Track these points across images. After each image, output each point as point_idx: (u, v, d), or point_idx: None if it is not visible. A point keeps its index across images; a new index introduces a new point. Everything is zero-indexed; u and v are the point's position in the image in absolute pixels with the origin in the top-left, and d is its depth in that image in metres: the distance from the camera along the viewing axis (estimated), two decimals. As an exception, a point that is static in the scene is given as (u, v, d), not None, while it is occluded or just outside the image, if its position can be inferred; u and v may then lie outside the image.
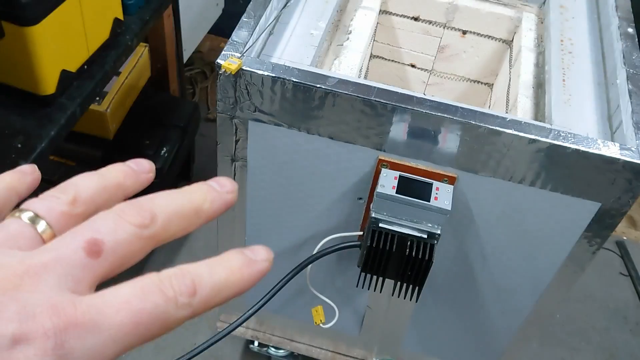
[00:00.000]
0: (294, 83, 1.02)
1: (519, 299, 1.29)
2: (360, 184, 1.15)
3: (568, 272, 1.21)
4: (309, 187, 1.19)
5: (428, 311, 1.41)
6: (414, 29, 1.55)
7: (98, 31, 1.48)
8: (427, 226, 1.05)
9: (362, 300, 1.44)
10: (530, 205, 1.09)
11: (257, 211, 1.28)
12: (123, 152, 1.84)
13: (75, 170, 1.68)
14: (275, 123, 1.09)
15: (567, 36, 1.32)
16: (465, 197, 1.11)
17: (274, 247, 1.40)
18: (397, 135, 1.05)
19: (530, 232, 1.14)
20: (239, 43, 1.07)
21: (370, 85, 1.02)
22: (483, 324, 1.39)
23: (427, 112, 1.00)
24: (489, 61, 1.54)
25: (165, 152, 1.87)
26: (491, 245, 1.19)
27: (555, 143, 0.98)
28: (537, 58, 1.32)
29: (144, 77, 1.95)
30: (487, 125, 0.99)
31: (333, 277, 1.39)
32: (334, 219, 1.24)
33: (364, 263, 1.09)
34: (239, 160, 1.18)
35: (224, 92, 1.07)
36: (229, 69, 1.01)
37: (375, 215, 1.05)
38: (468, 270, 1.26)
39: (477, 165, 1.05)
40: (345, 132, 1.07)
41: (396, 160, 1.08)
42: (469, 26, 1.49)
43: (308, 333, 1.62)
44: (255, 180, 1.22)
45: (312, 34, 1.24)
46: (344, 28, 1.35)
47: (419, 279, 1.08)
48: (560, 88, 1.19)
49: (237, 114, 1.10)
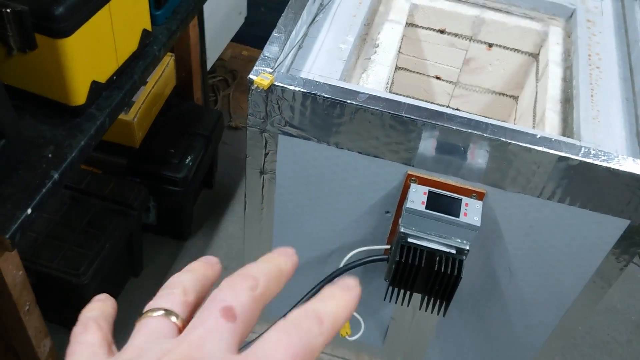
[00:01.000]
0: (324, 98, 1.03)
1: (544, 314, 1.29)
2: (388, 198, 1.16)
3: (595, 288, 1.20)
4: (337, 200, 1.20)
5: (453, 324, 1.42)
6: (439, 41, 1.55)
7: (127, 42, 1.50)
8: (456, 242, 1.05)
9: (387, 312, 1.45)
10: (558, 222, 1.09)
11: (284, 223, 1.29)
12: (149, 161, 1.86)
13: (102, 178, 1.70)
14: (304, 137, 1.10)
15: (595, 51, 1.32)
16: (494, 213, 1.11)
17: (300, 259, 1.40)
18: (426, 150, 1.06)
19: (558, 248, 1.14)
20: (270, 58, 1.08)
21: (400, 101, 1.03)
22: (507, 338, 1.39)
23: (457, 128, 1.01)
24: (515, 74, 1.54)
25: (189, 161, 1.88)
26: (518, 260, 1.19)
27: (585, 161, 0.98)
28: (564, 72, 1.32)
29: (170, 86, 1.98)
30: (517, 142, 0.99)
31: (358, 288, 1.40)
32: (360, 232, 1.25)
33: (392, 277, 1.10)
34: (268, 173, 1.19)
35: (255, 106, 1.08)
36: (261, 85, 1.02)
37: (404, 230, 1.06)
38: (494, 285, 1.26)
39: (506, 181, 1.05)
40: (374, 147, 1.08)
41: (425, 176, 1.09)
42: (495, 39, 1.50)
43: (330, 344, 1.62)
44: (283, 193, 1.23)
45: (340, 48, 1.25)
46: (372, 41, 1.35)
47: (447, 294, 1.08)
48: (589, 104, 1.19)
49: (268, 127, 1.11)
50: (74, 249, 1.62)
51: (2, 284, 1.33)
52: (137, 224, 1.79)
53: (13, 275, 1.35)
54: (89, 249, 1.62)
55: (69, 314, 1.76)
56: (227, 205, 2.26)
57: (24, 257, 1.38)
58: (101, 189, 1.75)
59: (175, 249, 2.10)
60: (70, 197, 1.73)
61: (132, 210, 1.74)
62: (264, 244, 1.36)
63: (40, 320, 1.54)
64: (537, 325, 1.33)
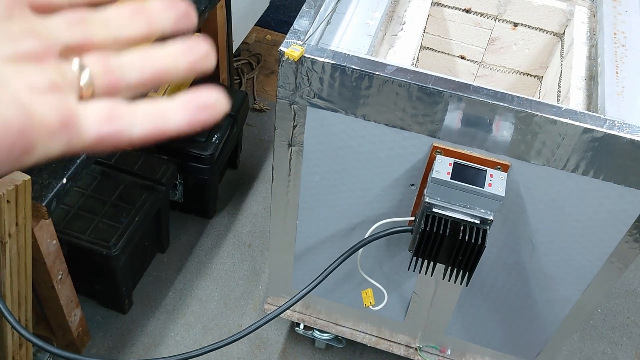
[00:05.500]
0: (353, 70, 1.05)
1: (566, 289, 1.31)
2: (413, 171, 1.18)
3: (616, 264, 1.22)
4: (363, 172, 1.23)
5: (474, 299, 1.44)
6: (465, 20, 1.57)
7: (158, 20, 1.53)
8: (480, 212, 1.07)
9: (409, 286, 1.47)
10: (582, 194, 1.11)
11: (310, 196, 1.32)
12: (176, 138, 1.90)
13: (131, 155, 1.73)
14: (332, 109, 1.13)
15: (620, 29, 1.33)
16: (518, 185, 1.13)
17: (325, 232, 1.44)
18: (452, 122, 1.08)
19: (581, 221, 1.16)
20: (300, 31, 1.11)
21: (427, 73, 1.05)
22: (528, 312, 1.41)
23: (484, 100, 1.03)
24: (540, 54, 1.55)
25: (216, 139, 1.92)
26: (541, 234, 1.21)
27: (610, 132, 1.00)
28: (589, 51, 1.33)
29: (197, 66, 2.01)
30: (542, 114, 1.01)
31: (381, 262, 1.43)
32: (385, 204, 1.28)
33: (416, 247, 1.12)
34: (296, 145, 1.22)
35: (285, 78, 1.11)
36: (291, 56, 1.05)
37: (429, 200, 1.08)
38: (516, 258, 1.28)
39: (531, 154, 1.07)
40: (400, 118, 1.10)
41: (450, 148, 1.11)
42: (520, 19, 1.51)
43: (353, 318, 1.66)
44: (310, 165, 1.26)
45: (368, 24, 1.27)
46: (398, 19, 1.37)
47: (471, 264, 1.10)
48: (614, 80, 1.20)
49: (297, 99, 1.14)
50: (104, 222, 1.67)
51: (37, 252, 1.38)
52: (165, 199, 1.84)
53: (47, 243, 1.40)
54: (119, 222, 1.67)
55: (98, 286, 1.82)
56: (251, 184, 2.30)
57: (57, 228, 1.42)
58: (131, 165, 1.79)
59: (201, 226, 2.14)
60: (100, 172, 1.77)
61: (161, 185, 1.78)
62: (290, 217, 1.40)
63: (72, 290, 1.59)
64: (558, 301, 1.35)
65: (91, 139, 0.30)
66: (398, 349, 1.66)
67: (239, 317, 1.93)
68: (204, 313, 1.93)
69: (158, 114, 0.32)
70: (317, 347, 1.88)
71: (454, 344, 1.61)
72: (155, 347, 1.85)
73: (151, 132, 0.32)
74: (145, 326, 1.89)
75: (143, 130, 0.32)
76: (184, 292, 1.98)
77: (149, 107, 0.32)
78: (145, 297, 1.95)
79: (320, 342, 1.81)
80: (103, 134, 0.31)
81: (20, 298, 1.40)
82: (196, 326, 1.90)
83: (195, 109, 0.32)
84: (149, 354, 1.83)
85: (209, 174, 1.94)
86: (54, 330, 1.68)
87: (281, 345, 1.89)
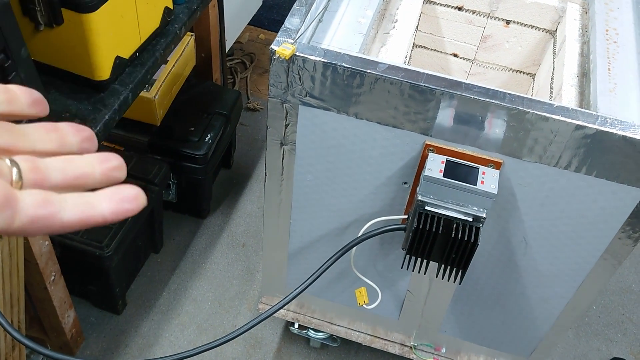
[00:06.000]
0: (345, 68, 1.05)
1: (560, 286, 1.31)
2: (406, 169, 1.18)
3: (610, 261, 1.22)
4: (355, 171, 1.23)
5: (468, 297, 1.44)
6: (457, 18, 1.57)
7: (150, 19, 1.53)
8: (473, 210, 1.07)
9: (403, 285, 1.47)
10: (575, 191, 1.11)
11: (303, 195, 1.32)
12: (169, 138, 1.90)
13: (124, 155, 1.73)
14: (324, 108, 1.13)
15: (612, 26, 1.33)
16: (510, 183, 1.13)
17: (319, 230, 1.44)
18: (444, 120, 1.08)
19: (574, 218, 1.16)
20: (291, 30, 1.11)
21: (419, 71, 1.05)
22: (523, 310, 1.41)
23: (475, 97, 1.02)
24: (532, 51, 1.55)
25: (209, 139, 1.91)
26: (534, 231, 1.21)
27: (602, 129, 1.00)
28: (581, 48, 1.33)
29: (190, 66, 2.00)
30: (534, 111, 1.01)
31: (375, 261, 1.42)
32: (378, 202, 1.27)
33: (409, 245, 1.12)
34: (288, 144, 1.22)
35: (277, 77, 1.10)
36: (282, 55, 1.04)
37: (421, 198, 1.08)
38: (510, 256, 1.28)
39: (523, 151, 1.07)
40: (392, 116, 1.10)
41: (443, 145, 1.11)
42: (512, 16, 1.51)
43: (347, 316, 1.66)
44: (303, 164, 1.25)
45: (359, 22, 1.27)
46: (390, 17, 1.37)
47: (464, 262, 1.10)
48: (606, 77, 1.20)
49: (288, 98, 1.13)
50: (97, 223, 1.66)
51: (29, 253, 1.37)
52: (158, 199, 1.83)
53: (40, 244, 1.39)
54: (112, 223, 1.66)
55: (92, 287, 1.81)
56: (245, 184, 2.29)
57: (50, 228, 1.42)
58: (123, 165, 1.79)
59: (194, 226, 2.14)
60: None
61: (154, 185, 1.77)
62: (283, 216, 1.39)
63: (65, 291, 1.58)
64: (552, 298, 1.35)
65: (27, 219, 0.34)
66: (393, 347, 1.65)
67: (234, 317, 1.93)
68: (198, 313, 1.93)
69: (86, 203, 0.36)
70: (312, 346, 1.87)
71: (449, 342, 1.61)
72: (150, 348, 1.84)
73: (80, 218, 0.36)
74: (139, 327, 1.88)
75: (73, 216, 0.35)
76: (178, 293, 1.97)
77: (77, 197, 0.36)
78: (139, 298, 1.94)
79: (315, 341, 1.81)
80: (38, 216, 0.34)
81: (12, 300, 1.39)
82: (190, 326, 1.90)
83: (119, 200, 0.37)
84: (143, 355, 1.82)
85: (202, 174, 1.94)
86: (48, 331, 1.68)
87: (276, 345, 1.89)
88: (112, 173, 0.38)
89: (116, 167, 0.39)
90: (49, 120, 0.39)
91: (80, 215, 0.36)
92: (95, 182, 0.38)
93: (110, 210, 0.36)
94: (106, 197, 0.36)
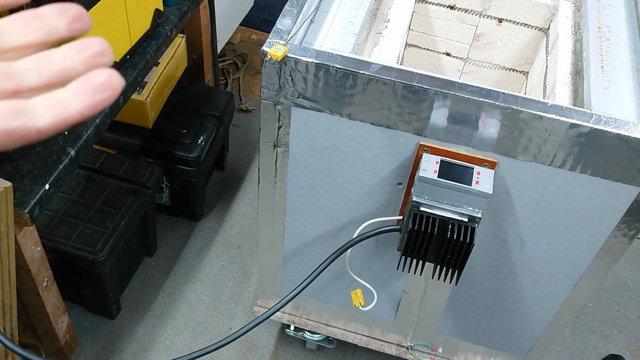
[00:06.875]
0: (337, 69, 1.04)
1: (556, 284, 1.31)
2: (400, 170, 1.18)
3: (605, 259, 1.22)
4: (349, 172, 1.22)
5: (464, 296, 1.43)
6: (449, 17, 1.56)
7: (140, 22, 1.51)
8: (468, 210, 1.06)
9: (399, 286, 1.46)
10: (570, 190, 1.10)
11: (297, 196, 1.31)
12: (161, 141, 1.88)
13: (116, 158, 1.71)
14: (317, 109, 1.12)
15: (605, 23, 1.32)
16: (505, 182, 1.13)
17: (313, 232, 1.43)
18: (438, 120, 1.07)
19: (569, 217, 1.15)
20: (283, 31, 1.10)
21: (412, 71, 1.04)
22: (519, 309, 1.41)
23: (469, 97, 1.02)
24: (525, 49, 1.55)
25: (202, 141, 1.90)
26: (530, 230, 1.20)
27: (596, 127, 1.00)
28: (574, 45, 1.33)
29: (181, 68, 1.99)
30: (528, 110, 1.01)
31: (370, 262, 1.42)
32: (373, 204, 1.27)
33: (404, 246, 1.11)
34: (281, 146, 1.21)
35: (269, 78, 1.09)
36: (274, 56, 1.03)
37: (416, 199, 1.07)
38: (505, 255, 1.28)
39: (518, 150, 1.07)
40: (386, 117, 1.09)
41: (437, 146, 1.10)
42: (505, 14, 1.50)
43: (343, 318, 1.65)
44: (296, 166, 1.24)
45: (351, 22, 1.26)
46: (382, 16, 1.36)
47: (460, 262, 1.10)
48: (599, 74, 1.19)
49: (281, 100, 1.12)
50: (90, 227, 1.64)
51: (21, 260, 1.36)
52: (151, 203, 1.82)
53: (32, 250, 1.38)
54: (105, 227, 1.65)
55: (85, 292, 1.79)
56: (238, 186, 2.28)
57: (42, 234, 1.40)
58: (115, 168, 1.77)
59: (188, 229, 2.12)
60: (85, 177, 1.75)
61: (146, 189, 1.76)
62: (277, 218, 1.38)
63: (58, 297, 1.57)
64: (548, 296, 1.35)
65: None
66: (389, 348, 1.65)
67: (229, 320, 1.92)
68: (193, 317, 1.92)
69: (58, 103, 0.33)
70: (309, 348, 1.87)
71: (445, 342, 1.61)
72: (145, 353, 1.83)
73: (56, 122, 0.33)
74: (134, 331, 1.87)
75: (48, 121, 0.33)
76: (173, 296, 1.96)
77: (47, 98, 0.33)
78: (134, 302, 1.93)
79: (312, 343, 1.80)
80: (9, 129, 0.32)
81: (4, 307, 1.38)
82: (186, 330, 1.88)
83: (92, 91, 0.33)
84: (139, 360, 1.81)
85: (195, 176, 1.93)
86: (41, 337, 1.66)
87: (272, 348, 1.88)
88: (96, 60, 0.34)
89: (99, 53, 0.34)
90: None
91: (54, 118, 0.33)
92: (79, 76, 0.34)
93: (85, 106, 0.33)
94: (77, 91, 0.33)
